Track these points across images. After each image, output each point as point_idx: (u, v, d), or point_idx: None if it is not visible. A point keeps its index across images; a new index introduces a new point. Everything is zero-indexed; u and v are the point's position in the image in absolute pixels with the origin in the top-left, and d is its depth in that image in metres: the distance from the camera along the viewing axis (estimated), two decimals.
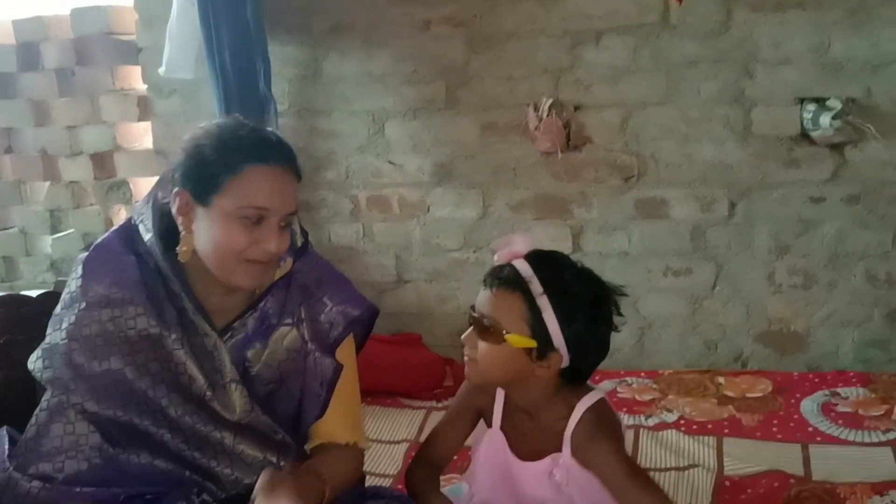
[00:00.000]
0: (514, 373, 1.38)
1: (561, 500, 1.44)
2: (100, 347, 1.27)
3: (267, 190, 1.27)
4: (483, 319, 1.36)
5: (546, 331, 1.33)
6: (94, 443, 1.26)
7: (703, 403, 2.39)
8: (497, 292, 1.36)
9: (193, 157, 1.29)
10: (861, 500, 1.82)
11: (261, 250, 1.28)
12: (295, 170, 1.32)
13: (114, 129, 2.95)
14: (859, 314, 2.59)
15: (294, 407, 1.39)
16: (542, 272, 1.34)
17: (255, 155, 1.27)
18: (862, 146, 2.47)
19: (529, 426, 1.46)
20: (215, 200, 1.27)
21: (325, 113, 2.79)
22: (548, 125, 2.55)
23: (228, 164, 1.26)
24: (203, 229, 1.29)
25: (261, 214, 1.27)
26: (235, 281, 1.30)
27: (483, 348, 1.36)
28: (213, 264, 1.30)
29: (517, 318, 1.33)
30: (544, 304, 1.32)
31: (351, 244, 2.88)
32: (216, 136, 1.29)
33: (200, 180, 1.27)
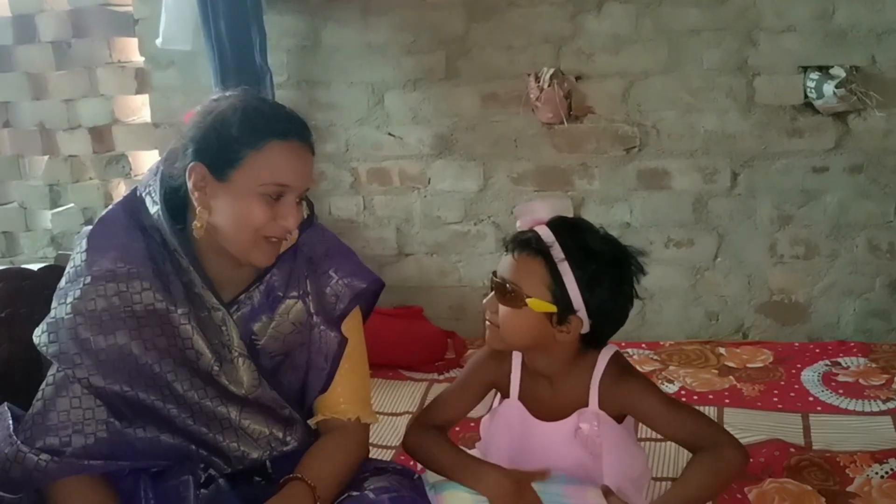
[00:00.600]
0: (535, 338, 1.40)
1: (585, 460, 1.46)
2: (105, 322, 1.26)
3: (289, 166, 1.26)
4: (505, 284, 1.37)
5: (567, 296, 1.35)
6: (100, 417, 1.26)
7: (704, 374, 2.39)
8: (519, 257, 1.37)
9: (213, 131, 1.27)
10: (861, 468, 1.83)
11: (279, 227, 1.28)
12: (311, 145, 1.32)
13: (111, 102, 2.93)
14: (861, 284, 2.60)
15: (299, 380, 1.39)
16: (563, 238, 1.36)
17: (276, 130, 1.26)
18: (865, 115, 2.45)
19: (549, 392, 1.48)
20: (234, 176, 1.26)
21: (324, 84, 2.77)
22: (549, 96, 2.53)
23: (250, 140, 1.25)
24: (220, 205, 1.28)
25: (281, 192, 1.27)
26: (252, 258, 1.30)
27: (504, 313, 1.38)
28: (229, 241, 1.29)
29: (538, 282, 1.35)
30: (565, 270, 1.34)
31: (351, 217, 2.88)
32: (240, 111, 1.27)
33: (220, 155, 1.26)
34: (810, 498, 1.74)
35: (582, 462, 1.46)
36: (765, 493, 1.77)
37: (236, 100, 1.30)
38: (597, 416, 1.44)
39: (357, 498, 1.29)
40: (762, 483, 1.80)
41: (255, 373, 1.32)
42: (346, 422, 1.40)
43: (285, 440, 1.36)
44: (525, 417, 1.49)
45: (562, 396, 1.47)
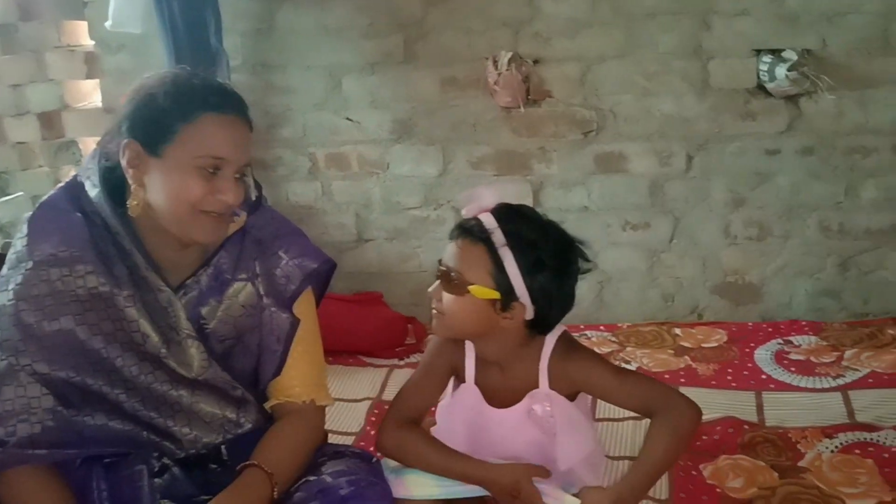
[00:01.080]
0: (480, 325, 1.40)
1: (540, 441, 1.47)
2: (49, 307, 1.24)
3: (224, 139, 1.24)
4: (448, 271, 1.38)
5: (509, 282, 1.36)
6: (46, 405, 1.24)
7: (660, 354, 2.43)
8: (461, 244, 1.38)
9: (145, 106, 1.25)
10: (812, 443, 1.88)
11: (217, 202, 1.26)
12: (248, 119, 1.30)
13: (61, 87, 2.85)
14: (812, 265, 2.65)
15: (252, 363, 1.38)
16: (505, 224, 1.37)
17: (211, 103, 1.25)
18: (816, 98, 2.49)
19: (501, 378, 1.49)
20: (169, 150, 1.24)
21: (280, 68, 2.73)
22: (507, 79, 2.53)
23: (183, 112, 1.23)
24: (156, 182, 1.25)
25: (217, 165, 1.25)
26: (192, 235, 1.28)
27: (448, 300, 1.39)
28: (167, 218, 1.27)
29: (481, 269, 1.36)
30: (506, 256, 1.35)
31: (310, 203, 2.85)
32: (170, 84, 1.25)
33: (152, 129, 1.24)
34: (763, 473, 1.78)
35: (537, 443, 1.47)
36: (719, 470, 1.81)
37: (167, 75, 1.28)
38: (548, 396, 1.46)
39: (314, 482, 1.29)
40: (717, 459, 1.84)
41: (204, 354, 1.30)
42: (301, 405, 1.39)
43: (239, 422, 1.34)
44: (480, 403, 1.50)
45: (513, 381, 1.48)
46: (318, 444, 1.41)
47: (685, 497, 1.71)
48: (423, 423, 1.57)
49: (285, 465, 1.31)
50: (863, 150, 2.54)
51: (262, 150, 2.74)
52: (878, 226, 2.59)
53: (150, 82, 1.27)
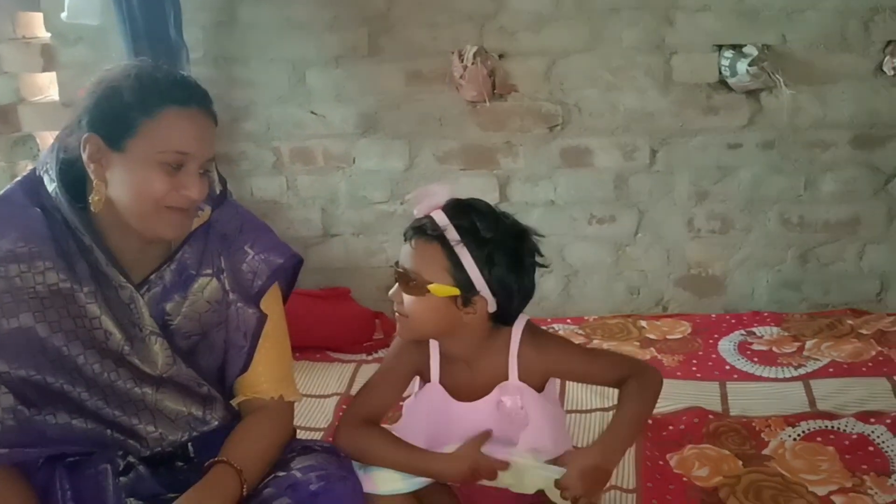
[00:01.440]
0: (444, 323, 1.40)
1: (508, 433, 1.47)
2: (7, 304, 1.20)
3: (187, 134, 1.22)
4: (406, 273, 1.37)
5: (467, 277, 1.35)
6: (6, 404, 1.21)
7: (627, 346, 2.45)
8: (416, 244, 1.37)
9: (106, 100, 1.22)
10: (775, 431, 1.91)
11: (181, 197, 1.23)
12: (212, 113, 1.28)
13: (16, 80, 2.78)
14: (773, 257, 2.70)
15: (218, 360, 1.36)
16: (457, 220, 1.36)
17: (173, 96, 1.22)
18: (777, 92, 2.53)
19: (468, 374, 1.48)
20: (130, 145, 1.21)
21: (243, 61, 2.69)
22: (473, 73, 2.53)
23: (146, 107, 1.20)
24: (118, 177, 1.23)
25: (181, 160, 1.22)
26: (156, 231, 1.25)
27: (410, 302, 1.38)
28: (130, 214, 1.24)
29: (438, 268, 1.35)
30: (462, 252, 1.35)
31: (275, 198, 2.82)
32: (132, 78, 1.22)
33: (114, 124, 1.21)
34: (728, 462, 1.81)
35: (505, 435, 1.47)
36: (685, 459, 1.83)
37: (130, 67, 1.25)
38: (518, 388, 1.46)
39: (284, 478, 1.28)
40: (683, 449, 1.87)
41: (168, 351, 1.28)
42: (269, 401, 1.38)
43: (205, 419, 1.32)
44: (446, 400, 1.49)
45: (481, 376, 1.48)
46: (288, 440, 1.40)
47: (652, 486, 1.73)
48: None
49: (254, 461, 1.29)
50: (822, 144, 2.58)
51: (225, 145, 2.70)
52: (836, 218, 2.64)
53: (111, 75, 1.24)
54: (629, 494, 1.70)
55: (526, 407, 1.45)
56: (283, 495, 1.24)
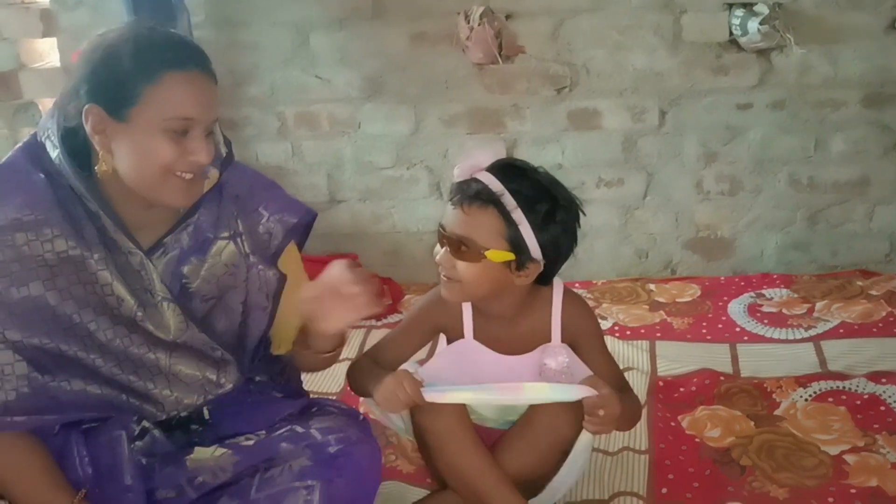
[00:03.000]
0: (495, 287, 1.40)
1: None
2: (16, 273, 1.19)
3: (190, 98, 1.19)
4: (459, 240, 1.35)
5: (523, 242, 1.35)
6: (20, 372, 1.20)
7: (636, 310, 2.45)
8: (469, 210, 1.35)
9: (104, 68, 1.18)
10: (787, 392, 1.92)
11: (189, 163, 1.21)
12: (212, 74, 1.25)
13: (16, 46, 2.74)
14: (782, 218, 2.68)
15: (235, 322, 1.35)
16: (510, 184, 1.34)
17: (172, 60, 1.19)
18: (787, 51, 2.49)
19: (507, 330, 1.49)
20: (133, 114, 1.18)
21: (245, 24, 2.65)
22: (479, 35, 2.48)
23: (146, 73, 1.17)
24: (123, 147, 1.20)
25: (186, 125, 1.20)
26: (165, 199, 1.24)
27: (463, 268, 1.36)
28: (138, 184, 1.22)
29: (494, 234, 1.34)
30: (519, 218, 1.34)
31: (280, 164, 2.79)
32: (130, 43, 1.18)
33: (115, 93, 1.18)
34: (740, 422, 1.81)
35: None
36: (697, 420, 1.84)
37: (126, 31, 1.21)
38: (563, 349, 1.47)
39: (302, 434, 1.28)
40: (694, 410, 1.87)
41: (181, 316, 1.27)
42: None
43: (219, 382, 1.32)
44: (484, 353, 1.49)
45: (520, 334, 1.49)
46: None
47: (665, 447, 1.74)
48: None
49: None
50: (832, 103, 2.55)
51: (229, 110, 2.67)
52: (846, 178, 2.62)
53: (107, 41, 1.20)
54: (642, 455, 1.71)
55: (571, 366, 1.46)
56: (302, 454, 1.24)
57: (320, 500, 1.20)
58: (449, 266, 1.38)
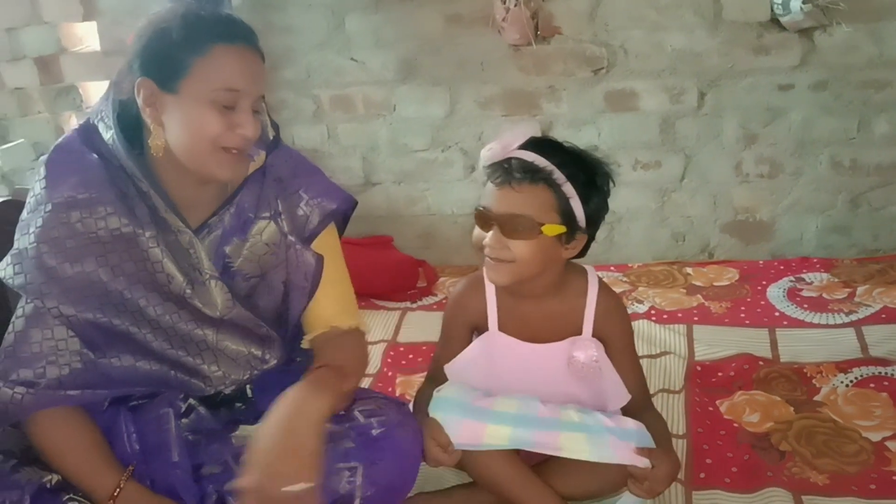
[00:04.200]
0: (546, 263, 1.40)
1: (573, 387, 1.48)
2: (71, 250, 1.22)
3: (238, 70, 1.21)
4: (513, 218, 1.35)
5: (573, 214, 1.36)
6: (73, 347, 1.23)
7: (672, 294, 2.43)
8: (520, 188, 1.35)
9: (156, 42, 1.21)
10: (827, 378, 1.89)
11: (237, 136, 1.23)
12: (259, 50, 1.26)
13: (57, 29, 2.78)
14: (823, 201, 2.63)
15: (276, 300, 1.37)
16: (552, 158, 1.35)
17: (221, 33, 1.21)
18: (831, 31, 2.44)
19: (535, 316, 1.48)
20: (183, 86, 1.20)
21: (281, 6, 2.66)
22: (515, 15, 2.46)
23: (195, 45, 1.19)
24: (174, 119, 1.22)
25: (233, 97, 1.21)
26: (212, 172, 1.25)
27: (518, 246, 1.36)
28: (187, 156, 1.24)
29: (547, 208, 1.35)
30: (570, 191, 1.35)
31: (316, 146, 2.81)
32: (179, 18, 1.21)
33: (165, 65, 1.20)
34: (779, 407, 1.80)
35: (568, 388, 1.47)
36: (735, 405, 1.82)
37: (176, 8, 1.23)
38: (594, 344, 1.46)
39: (344, 416, 1.30)
40: (733, 395, 1.86)
41: (227, 294, 1.29)
42: (348, 330, 1.40)
43: (264, 358, 1.34)
44: (510, 344, 1.49)
45: (549, 317, 1.48)
46: (365, 370, 1.42)
47: (703, 432, 1.73)
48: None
49: (353, 365, 1.34)
50: (876, 84, 2.49)
51: (265, 93, 2.68)
52: (889, 161, 2.56)
53: (158, 17, 1.23)
54: (680, 440, 1.70)
55: (600, 361, 1.45)
56: (346, 436, 1.26)
57: (363, 481, 1.21)
58: (501, 247, 1.37)
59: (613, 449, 1.38)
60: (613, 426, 1.41)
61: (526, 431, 1.41)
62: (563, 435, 1.41)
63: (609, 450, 1.39)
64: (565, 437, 1.40)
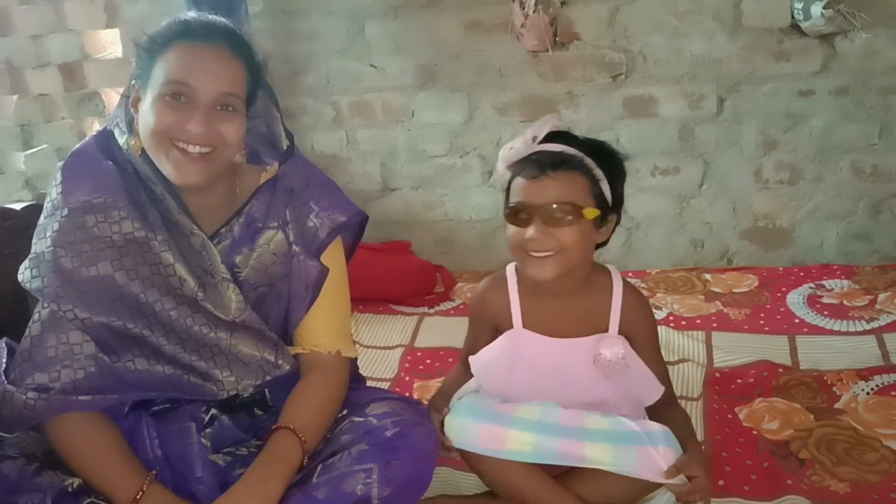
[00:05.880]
0: (588, 248, 1.44)
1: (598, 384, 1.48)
2: (87, 253, 1.24)
3: (189, 65, 1.23)
4: (557, 206, 1.37)
5: (604, 197, 1.41)
6: (88, 352, 1.25)
7: (691, 300, 2.42)
8: (557, 176, 1.38)
9: (142, 47, 1.27)
10: (847, 385, 1.87)
11: (184, 131, 1.23)
12: (233, 49, 1.27)
13: (81, 37, 2.83)
14: (844, 208, 2.61)
15: (283, 311, 1.38)
16: (578, 147, 1.40)
17: (183, 32, 1.25)
18: (852, 36, 2.42)
19: (561, 312, 1.49)
20: (149, 85, 1.25)
21: (302, 13, 2.68)
22: (534, 22, 2.47)
23: (161, 45, 1.24)
24: (141, 118, 1.27)
25: (180, 90, 1.22)
26: (167, 170, 1.26)
27: (564, 234, 1.38)
28: (150, 153, 1.27)
29: (585, 193, 1.40)
30: (600, 175, 1.40)
31: (335, 152, 2.83)
32: (164, 24, 1.27)
33: (141, 68, 1.27)
34: (799, 415, 1.78)
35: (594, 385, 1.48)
36: (755, 412, 1.81)
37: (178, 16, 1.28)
38: (621, 342, 1.47)
39: (361, 423, 1.30)
40: (752, 402, 1.84)
41: (240, 296, 1.31)
42: (327, 356, 1.39)
43: (277, 363, 1.34)
44: (535, 340, 1.49)
45: (575, 313, 1.49)
46: (344, 397, 1.40)
47: (721, 439, 1.72)
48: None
49: (314, 426, 1.31)
50: None
51: (285, 99, 2.70)
52: None
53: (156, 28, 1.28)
54: None
55: (627, 358, 1.46)
56: (361, 441, 1.26)
57: (379, 481, 1.22)
58: (547, 238, 1.37)
59: (639, 464, 1.37)
60: (638, 430, 1.40)
61: (549, 439, 1.40)
62: (589, 445, 1.40)
63: (635, 465, 1.37)
64: (591, 448, 1.39)
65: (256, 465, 1.24)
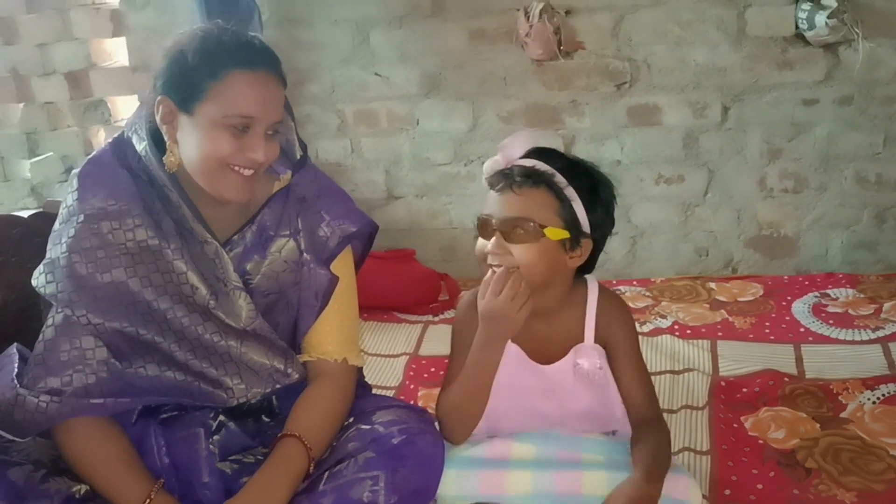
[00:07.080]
0: (552, 269, 1.38)
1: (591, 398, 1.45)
2: (101, 260, 1.25)
3: (252, 97, 1.23)
4: (515, 222, 1.34)
5: (576, 219, 1.36)
6: (100, 357, 1.25)
7: (696, 309, 2.42)
8: (521, 191, 1.34)
9: (175, 64, 1.25)
10: (853, 394, 1.87)
11: (246, 159, 1.25)
12: (280, 76, 1.29)
13: (87, 45, 2.83)
14: (848, 216, 2.61)
15: (292, 318, 1.39)
16: (555, 164, 1.36)
17: (238, 59, 1.23)
18: (856, 46, 2.43)
19: (546, 330, 1.46)
20: (199, 108, 1.24)
21: (307, 22, 2.69)
22: (538, 31, 2.48)
23: (211, 70, 1.23)
24: (188, 138, 1.26)
25: (247, 123, 1.24)
26: (221, 191, 1.28)
27: (521, 251, 1.34)
28: (198, 174, 1.27)
29: (549, 211, 1.35)
30: (572, 194, 1.35)
31: (339, 160, 2.83)
32: (198, 41, 1.25)
33: (183, 87, 1.24)
34: (805, 424, 1.78)
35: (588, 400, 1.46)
36: (760, 421, 1.80)
37: (198, 31, 1.27)
38: (596, 350, 1.44)
39: (367, 431, 1.30)
40: (758, 411, 1.84)
41: (251, 304, 1.31)
42: (334, 364, 1.39)
43: (286, 372, 1.35)
44: (522, 361, 1.47)
45: (556, 334, 1.46)
46: (350, 405, 1.40)
47: (727, 449, 1.71)
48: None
49: (321, 433, 1.32)
50: None
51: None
52: None
53: (182, 39, 1.27)
54: (703, 456, 1.69)
55: (605, 368, 1.44)
56: (367, 448, 1.26)
57: (385, 489, 1.22)
58: (503, 252, 1.35)
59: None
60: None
61: (546, 473, 1.36)
62: (586, 474, 1.37)
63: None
64: (587, 476, 1.36)
65: (262, 471, 1.25)
